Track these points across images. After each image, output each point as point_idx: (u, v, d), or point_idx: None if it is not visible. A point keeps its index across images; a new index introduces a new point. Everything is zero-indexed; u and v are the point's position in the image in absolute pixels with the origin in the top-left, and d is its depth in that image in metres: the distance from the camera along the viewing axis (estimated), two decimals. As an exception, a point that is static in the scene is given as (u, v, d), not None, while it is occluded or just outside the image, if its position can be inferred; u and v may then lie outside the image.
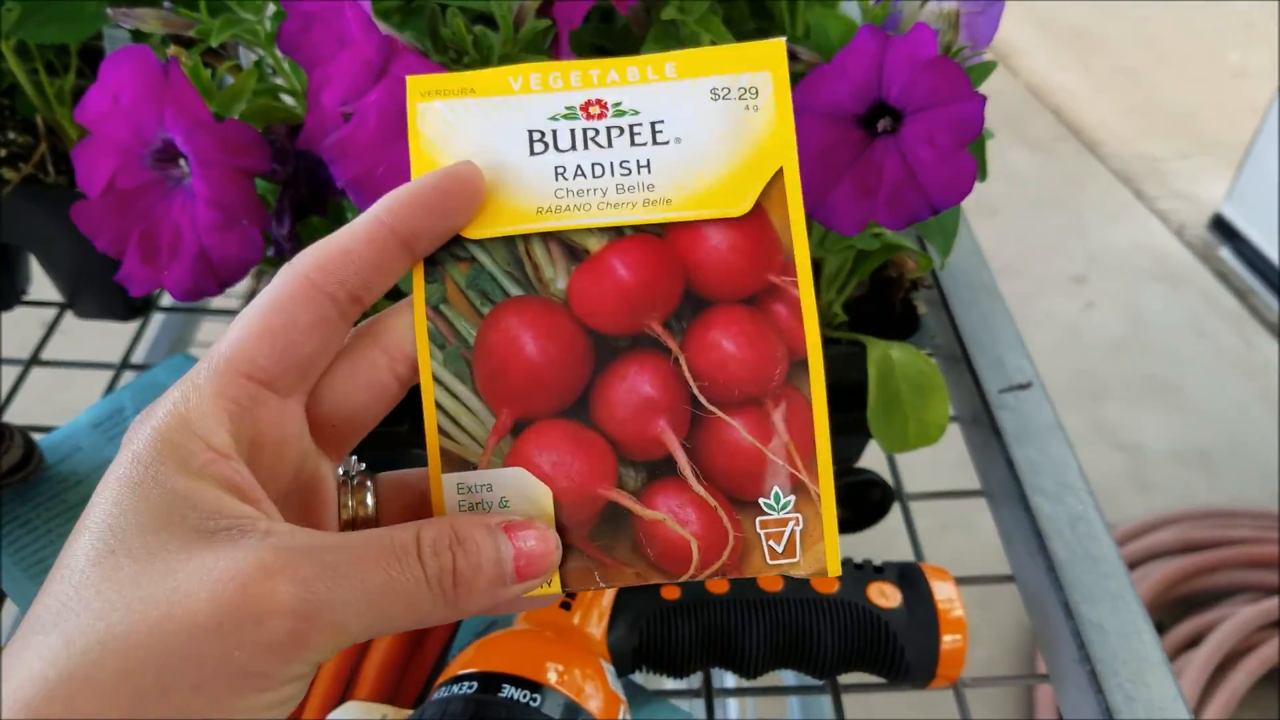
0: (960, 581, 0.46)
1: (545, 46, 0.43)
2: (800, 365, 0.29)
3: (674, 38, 0.43)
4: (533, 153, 0.29)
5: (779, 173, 0.29)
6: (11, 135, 0.52)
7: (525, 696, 0.35)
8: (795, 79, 0.44)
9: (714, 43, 0.42)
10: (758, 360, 0.29)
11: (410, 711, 0.41)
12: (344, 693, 0.42)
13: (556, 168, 0.29)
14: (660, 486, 0.28)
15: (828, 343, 0.48)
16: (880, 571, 0.45)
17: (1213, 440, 1.75)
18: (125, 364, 0.60)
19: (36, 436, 0.50)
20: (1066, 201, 2.33)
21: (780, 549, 0.28)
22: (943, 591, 0.44)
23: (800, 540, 0.28)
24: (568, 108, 0.29)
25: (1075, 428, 1.80)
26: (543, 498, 0.28)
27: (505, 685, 0.36)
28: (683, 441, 0.29)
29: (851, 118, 0.38)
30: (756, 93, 0.30)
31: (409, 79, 0.30)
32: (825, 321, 0.48)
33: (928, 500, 0.55)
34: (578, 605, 0.41)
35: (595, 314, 0.29)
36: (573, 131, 0.29)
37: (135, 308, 0.61)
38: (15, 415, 0.56)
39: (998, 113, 0.37)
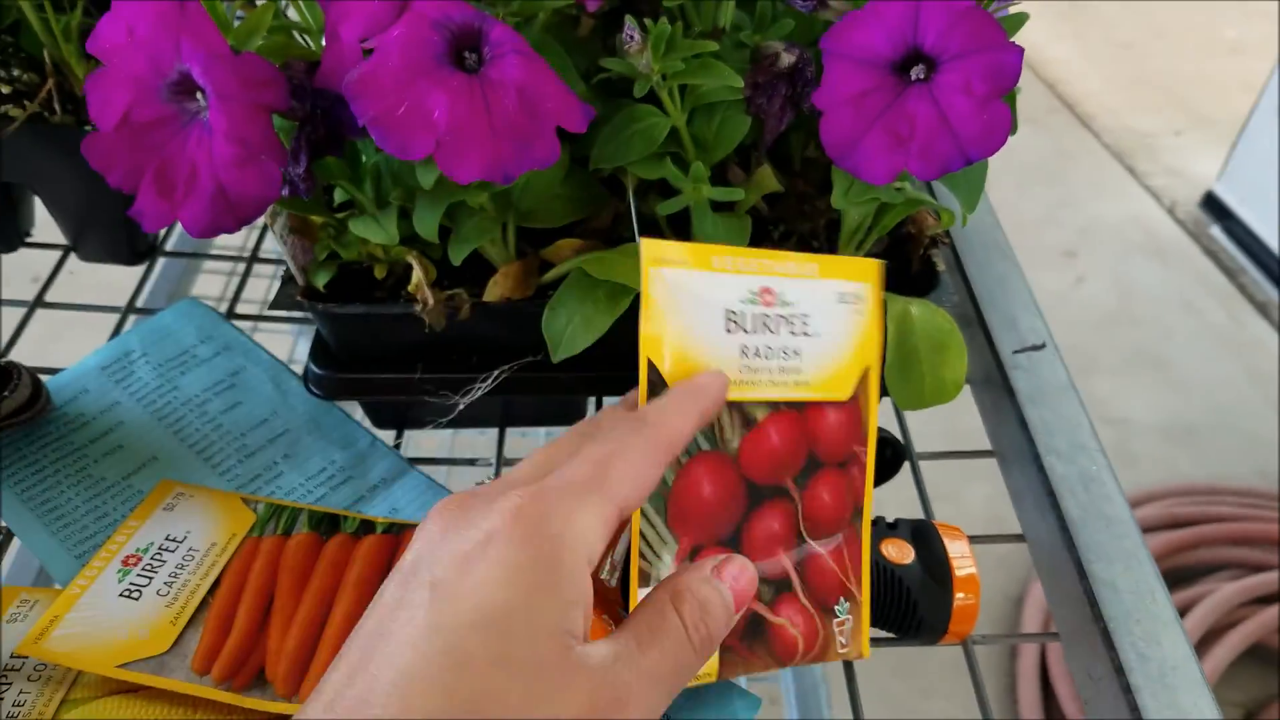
0: (970, 541, 0.46)
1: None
2: (859, 511, 0.40)
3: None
4: (728, 331, 0.37)
5: (866, 371, 0.39)
6: (16, 73, 0.51)
7: None
8: (820, 27, 0.43)
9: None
10: (841, 511, 0.39)
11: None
12: None
13: (743, 347, 0.37)
14: (782, 600, 0.38)
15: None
16: (894, 527, 0.45)
17: (1198, 416, 1.77)
18: (131, 308, 0.59)
19: (44, 378, 0.49)
20: (1059, 176, 2.33)
21: (843, 641, 0.39)
22: (956, 549, 0.44)
23: (852, 633, 0.39)
24: (751, 292, 0.37)
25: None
26: None
27: None
28: (794, 567, 0.38)
29: (885, 64, 0.37)
30: (861, 299, 0.39)
31: (644, 243, 0.35)
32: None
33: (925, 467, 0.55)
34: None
35: (753, 469, 0.37)
36: (754, 316, 0.37)
37: (141, 252, 0.60)
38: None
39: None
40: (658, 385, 0.35)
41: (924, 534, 0.44)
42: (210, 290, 1.08)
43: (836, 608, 0.39)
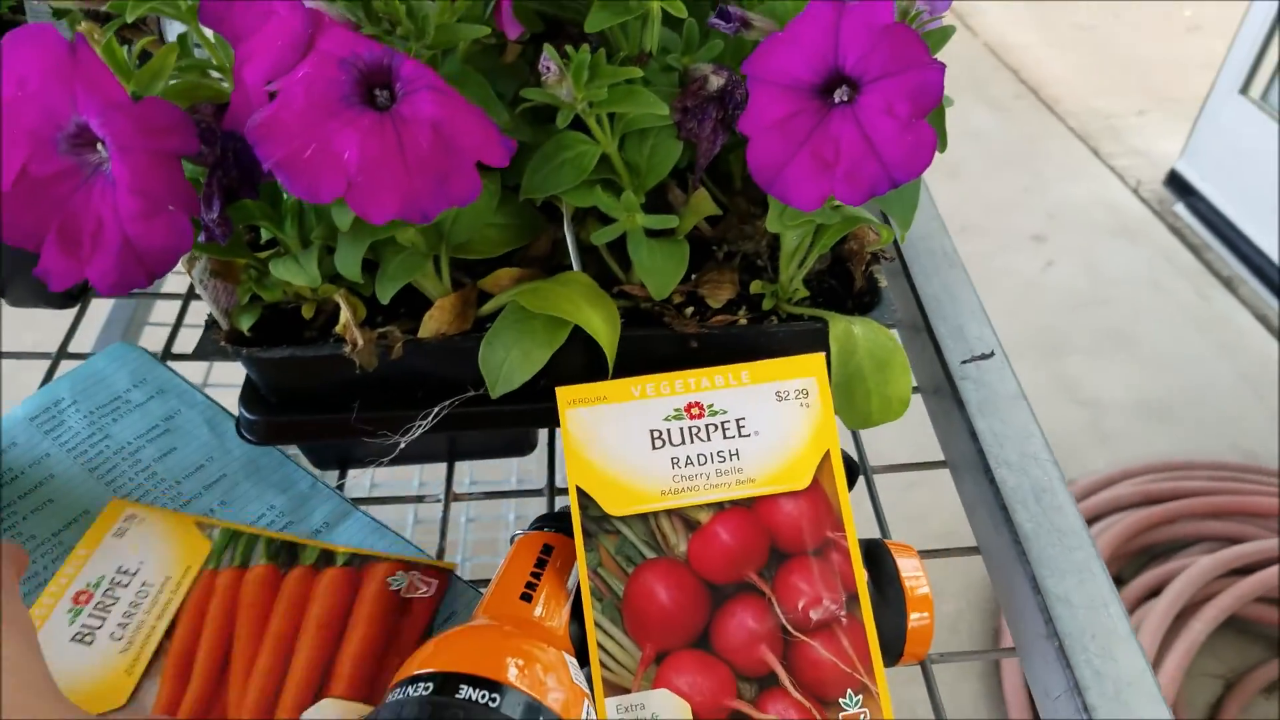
0: (926, 555, 0.45)
1: (486, 15, 0.41)
2: (854, 598, 0.39)
3: (623, 7, 0.41)
4: (654, 448, 0.39)
5: (826, 454, 0.39)
6: (-76, 118, 0.49)
7: (484, 697, 0.34)
8: (750, 48, 0.43)
9: (664, 11, 0.41)
10: (824, 597, 0.38)
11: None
12: (319, 689, 0.41)
13: (673, 459, 0.39)
14: (769, 695, 0.38)
15: (790, 319, 0.47)
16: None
17: (1170, 393, 1.77)
18: (63, 353, 0.57)
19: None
20: (1026, 160, 2.34)
21: None
22: (909, 569, 0.43)
23: None
24: (675, 410, 0.39)
25: (1037, 384, 1.81)
26: (683, 712, 0.37)
27: (463, 686, 0.34)
28: (780, 660, 0.38)
29: (807, 88, 0.36)
30: (807, 393, 0.40)
31: (559, 391, 0.39)
32: (786, 298, 0.46)
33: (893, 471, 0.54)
34: (538, 597, 0.40)
35: (709, 569, 0.38)
36: (682, 430, 0.39)
37: (73, 294, 0.58)
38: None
39: (958, 74, 0.36)
40: (590, 508, 0.39)
41: (876, 555, 0.44)
42: (169, 315, 1.06)
43: (843, 700, 0.38)
